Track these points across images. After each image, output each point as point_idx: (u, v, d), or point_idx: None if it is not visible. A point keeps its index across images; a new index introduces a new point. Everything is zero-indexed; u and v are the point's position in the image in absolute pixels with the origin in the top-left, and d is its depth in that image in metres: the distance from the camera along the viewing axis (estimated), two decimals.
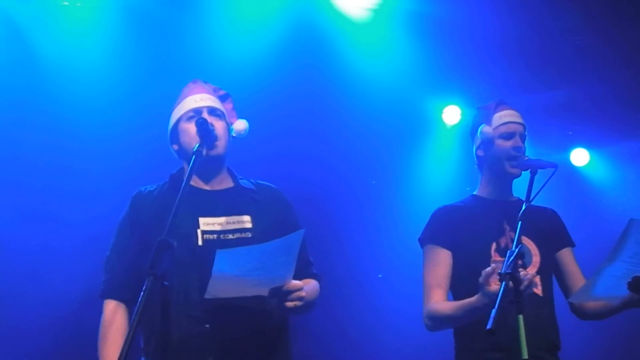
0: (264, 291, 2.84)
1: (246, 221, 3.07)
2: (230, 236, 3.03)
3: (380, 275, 5.92)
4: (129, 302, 3.04)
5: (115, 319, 3.00)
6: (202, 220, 3.05)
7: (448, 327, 3.48)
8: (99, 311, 3.08)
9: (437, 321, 3.42)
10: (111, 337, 2.97)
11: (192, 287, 2.91)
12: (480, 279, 3.06)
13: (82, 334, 3.77)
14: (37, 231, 5.03)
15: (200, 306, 2.90)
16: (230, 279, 2.77)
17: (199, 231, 3.02)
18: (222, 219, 3.05)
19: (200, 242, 3.00)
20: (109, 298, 3.06)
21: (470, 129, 3.74)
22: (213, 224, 3.04)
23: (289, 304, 2.84)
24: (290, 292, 2.83)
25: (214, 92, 3.29)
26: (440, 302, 3.42)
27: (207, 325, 2.91)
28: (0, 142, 5.02)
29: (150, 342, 2.96)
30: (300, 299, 2.86)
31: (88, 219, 4.98)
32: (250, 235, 3.04)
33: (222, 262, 2.74)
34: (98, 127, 5.11)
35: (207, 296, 2.79)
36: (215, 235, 3.02)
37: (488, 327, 2.67)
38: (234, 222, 3.06)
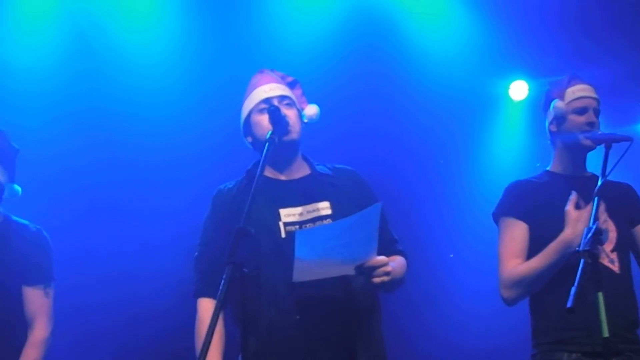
0: (350, 270, 2.84)
1: (325, 207, 3.06)
2: (311, 225, 3.02)
3: (451, 255, 5.89)
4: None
5: (209, 317, 3.02)
6: (282, 211, 3.04)
7: (532, 287, 3.39)
8: (192, 308, 3.12)
9: (520, 283, 3.36)
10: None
11: (280, 281, 2.91)
12: (567, 208, 3.07)
13: (177, 332, 3.83)
14: (121, 230, 5.14)
15: (290, 299, 2.91)
16: (313, 261, 2.77)
17: (280, 223, 3.02)
18: (300, 209, 3.05)
19: (283, 235, 3.00)
20: (202, 297, 3.09)
21: (542, 104, 3.68)
22: (294, 214, 3.04)
23: (376, 279, 2.84)
24: (375, 267, 2.83)
25: (282, 79, 3.28)
26: (517, 265, 3.39)
27: (298, 317, 2.92)
28: (79, 145, 5.10)
29: (245, 336, 2.95)
30: (386, 273, 2.85)
31: (169, 216, 5.07)
32: (331, 221, 3.03)
33: (303, 243, 2.74)
34: (169, 122, 5.18)
35: (295, 280, 2.80)
36: (297, 226, 3.01)
37: (568, 305, 2.65)
38: (313, 210, 3.05)
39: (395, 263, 3.03)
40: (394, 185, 5.32)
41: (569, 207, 3.27)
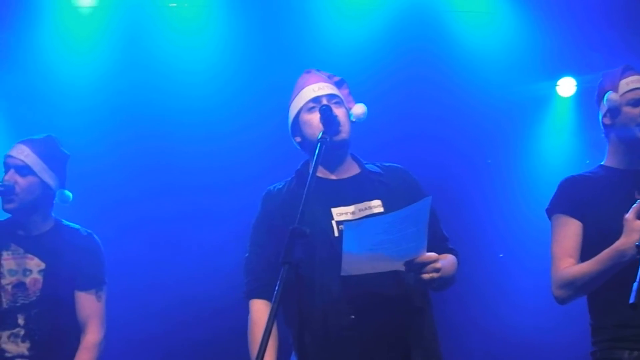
0: (399, 266, 2.82)
1: (377, 205, 3.06)
2: None
3: (501, 255, 5.84)
4: None
5: (263, 318, 3.00)
6: (334, 211, 3.04)
7: (584, 291, 3.34)
8: (245, 309, 3.14)
9: (572, 285, 3.30)
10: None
11: (334, 281, 2.91)
12: (627, 215, 2.98)
13: (231, 334, 3.84)
14: (173, 235, 5.20)
15: (344, 299, 2.91)
16: (362, 255, 2.75)
17: (333, 222, 3.02)
18: (353, 207, 3.04)
19: (336, 234, 2.99)
20: (254, 298, 3.09)
21: (595, 96, 3.62)
22: (345, 213, 3.03)
23: (425, 276, 2.81)
24: (425, 264, 2.81)
25: (329, 79, 3.28)
26: (570, 266, 3.33)
27: (353, 317, 2.91)
28: (131, 152, 5.18)
29: (301, 337, 2.98)
30: (436, 270, 2.82)
31: (220, 220, 5.10)
32: None
33: (351, 236, 2.73)
34: (218, 127, 5.23)
35: (343, 273, 2.79)
36: None
37: (631, 301, 2.59)
38: (365, 209, 3.05)
39: (446, 261, 3.01)
40: (444, 186, 5.27)
41: (630, 215, 3.13)
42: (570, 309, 3.51)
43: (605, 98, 3.48)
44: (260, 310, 3.05)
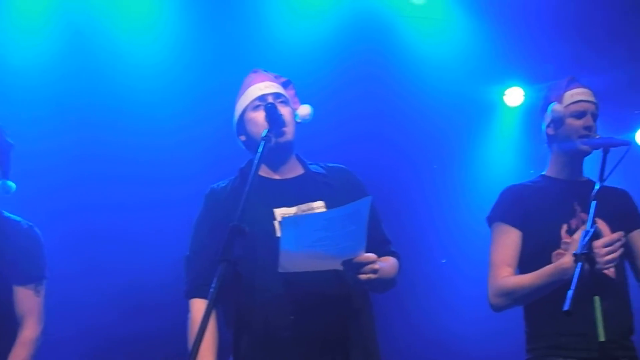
0: (337, 265, 2.81)
1: (320, 207, 3.04)
2: None
3: (443, 260, 5.88)
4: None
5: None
6: (277, 211, 3.02)
7: (522, 302, 3.40)
8: (185, 309, 3.10)
9: (510, 295, 3.35)
10: (204, 341, 2.95)
11: (275, 281, 2.89)
12: (575, 235, 3.06)
13: (170, 332, 3.80)
14: (114, 227, 5.10)
15: (284, 299, 2.89)
16: (299, 252, 2.74)
17: (275, 223, 3.00)
18: (295, 208, 3.03)
19: (278, 234, 2.96)
20: (194, 297, 3.05)
21: (540, 107, 3.67)
22: (288, 214, 3.02)
23: (363, 276, 2.80)
24: (363, 264, 2.80)
25: (276, 79, 3.28)
26: (509, 276, 3.37)
27: (292, 317, 2.89)
28: (72, 142, 5.06)
29: (239, 337, 2.95)
30: (374, 271, 2.81)
31: (161, 214, 5.04)
32: None
33: (289, 232, 2.71)
34: (163, 121, 5.15)
35: (280, 270, 2.77)
36: None
37: (565, 308, 2.63)
38: (307, 210, 3.03)
39: (386, 263, 3.02)
40: (389, 188, 5.30)
41: (576, 235, 3.16)
42: (508, 316, 3.55)
43: (549, 109, 3.53)
44: (200, 309, 2.99)
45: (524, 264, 3.43)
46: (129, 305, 5.04)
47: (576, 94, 3.49)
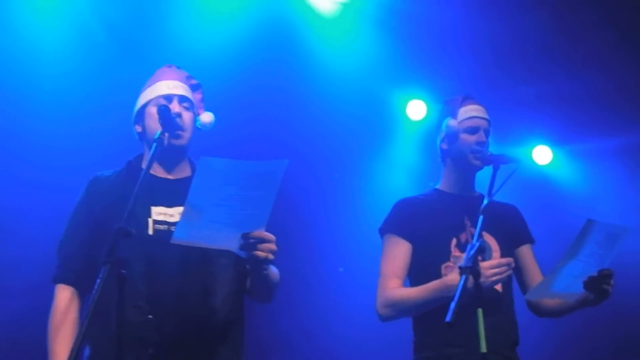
0: (234, 243, 2.69)
1: None
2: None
3: (341, 269, 5.91)
4: (81, 290, 2.99)
5: (68, 309, 2.94)
6: (154, 209, 2.98)
7: (408, 314, 3.46)
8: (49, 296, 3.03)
9: (396, 307, 3.40)
10: (64, 330, 2.91)
11: (139, 276, 2.83)
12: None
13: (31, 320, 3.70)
14: None
15: (146, 296, 2.84)
16: (204, 211, 2.62)
17: (150, 220, 2.95)
18: (172, 210, 2.98)
19: (150, 231, 2.93)
20: (61, 283, 2.99)
21: (435, 122, 3.74)
22: (165, 214, 2.98)
23: (261, 254, 2.70)
24: (263, 240, 2.70)
25: (187, 80, 3.24)
26: (397, 288, 3.41)
27: (151, 316, 2.84)
28: None
29: (94, 330, 2.79)
30: (272, 251, 2.73)
31: (46, 200, 4.90)
32: None
33: (202, 176, 2.61)
34: (60, 108, 5.02)
35: (173, 240, 2.65)
36: (165, 226, 2.95)
37: (447, 319, 2.66)
38: None
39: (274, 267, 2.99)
40: (287, 195, 5.26)
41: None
42: (397, 326, 3.59)
43: (444, 124, 3.60)
44: (65, 298, 2.96)
45: (414, 276, 3.49)
46: None
47: (470, 110, 3.57)
